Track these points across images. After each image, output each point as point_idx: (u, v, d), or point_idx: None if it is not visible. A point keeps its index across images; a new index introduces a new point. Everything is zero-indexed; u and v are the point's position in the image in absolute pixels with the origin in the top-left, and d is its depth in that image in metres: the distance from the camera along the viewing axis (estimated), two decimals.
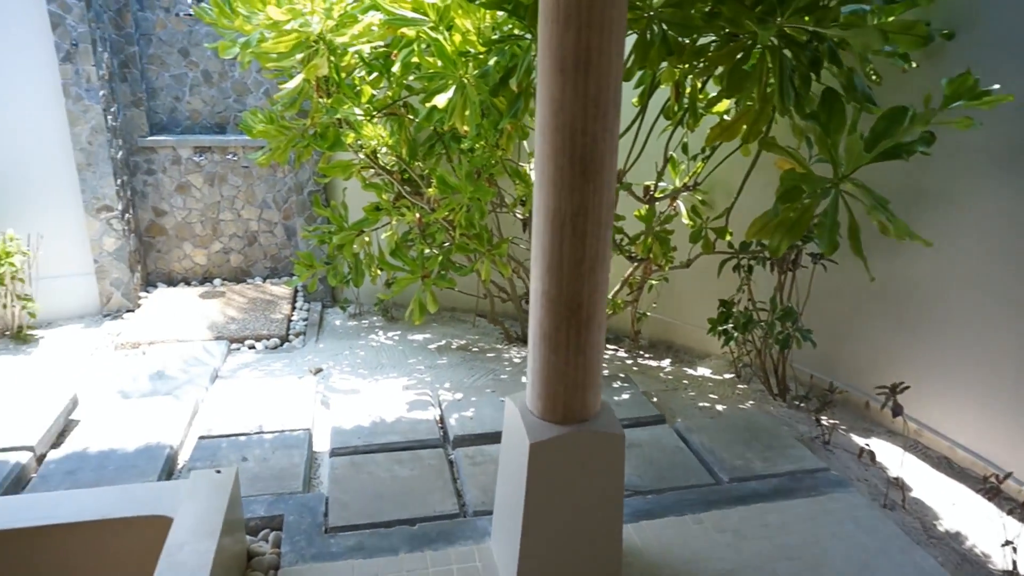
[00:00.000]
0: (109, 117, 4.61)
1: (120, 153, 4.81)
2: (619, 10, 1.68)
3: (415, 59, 3.16)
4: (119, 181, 4.73)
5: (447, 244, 3.96)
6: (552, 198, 1.79)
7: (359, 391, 3.73)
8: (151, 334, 4.38)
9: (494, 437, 3.17)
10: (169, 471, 2.99)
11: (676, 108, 3.31)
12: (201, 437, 3.18)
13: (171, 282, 5.34)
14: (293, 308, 4.91)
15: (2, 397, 3.45)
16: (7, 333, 4.40)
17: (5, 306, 4.33)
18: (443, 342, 4.44)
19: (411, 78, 3.42)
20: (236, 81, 5.11)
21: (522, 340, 4.45)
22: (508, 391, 3.64)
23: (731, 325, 3.62)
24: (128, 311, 4.84)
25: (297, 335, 4.52)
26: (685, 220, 3.92)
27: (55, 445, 3.17)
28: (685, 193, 3.92)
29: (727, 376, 4.00)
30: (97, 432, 3.20)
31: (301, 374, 3.90)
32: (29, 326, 4.47)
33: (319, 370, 4.00)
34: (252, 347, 4.37)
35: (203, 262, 5.36)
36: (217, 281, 5.35)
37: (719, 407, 3.60)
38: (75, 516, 2.12)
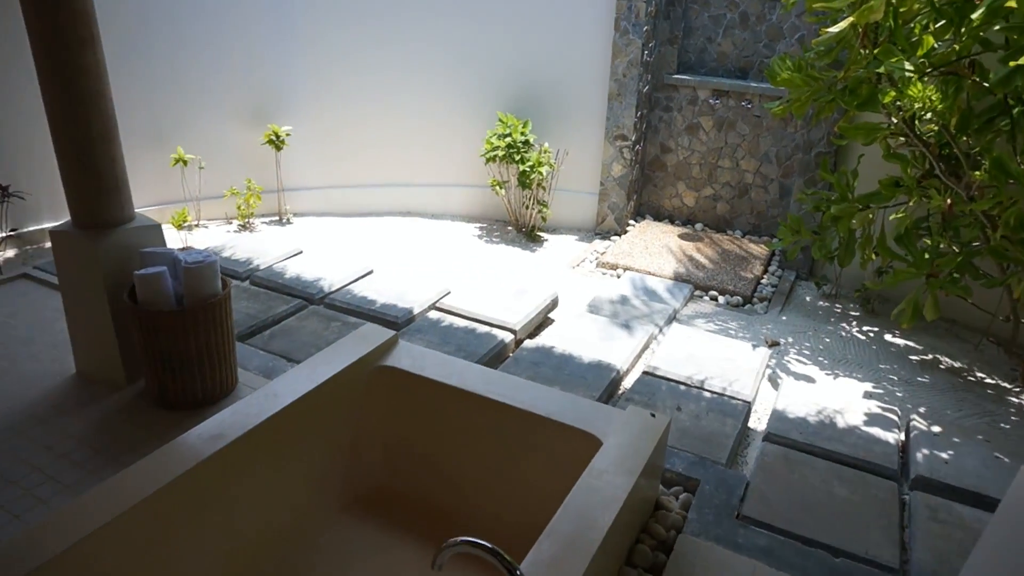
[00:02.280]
0: (645, 52, 4.89)
1: (646, 88, 5.10)
2: None
3: (1012, 3, 2.47)
4: (638, 114, 5.05)
5: (976, 245, 3.18)
6: None
7: (813, 380, 3.36)
8: (628, 260, 4.67)
9: (972, 498, 2.50)
10: (610, 393, 3.17)
11: None
12: (645, 372, 3.28)
13: (657, 216, 5.60)
14: (765, 271, 4.67)
15: (506, 282, 4.11)
16: (523, 230, 5.21)
17: (527, 207, 5.11)
18: (929, 357, 3.68)
19: (995, 28, 2.71)
20: (771, 25, 4.87)
21: None
22: (1009, 448, 2.83)
23: None
24: (615, 235, 5.25)
25: (762, 300, 4.29)
26: None
27: (531, 336, 3.65)
28: None
29: None
30: (564, 335, 3.57)
31: (756, 342, 3.69)
32: (539, 228, 5.23)
33: (775, 343, 3.73)
34: (714, 299, 4.31)
35: (691, 204, 5.45)
36: (699, 225, 5.40)
37: None
38: (531, 407, 2.36)
